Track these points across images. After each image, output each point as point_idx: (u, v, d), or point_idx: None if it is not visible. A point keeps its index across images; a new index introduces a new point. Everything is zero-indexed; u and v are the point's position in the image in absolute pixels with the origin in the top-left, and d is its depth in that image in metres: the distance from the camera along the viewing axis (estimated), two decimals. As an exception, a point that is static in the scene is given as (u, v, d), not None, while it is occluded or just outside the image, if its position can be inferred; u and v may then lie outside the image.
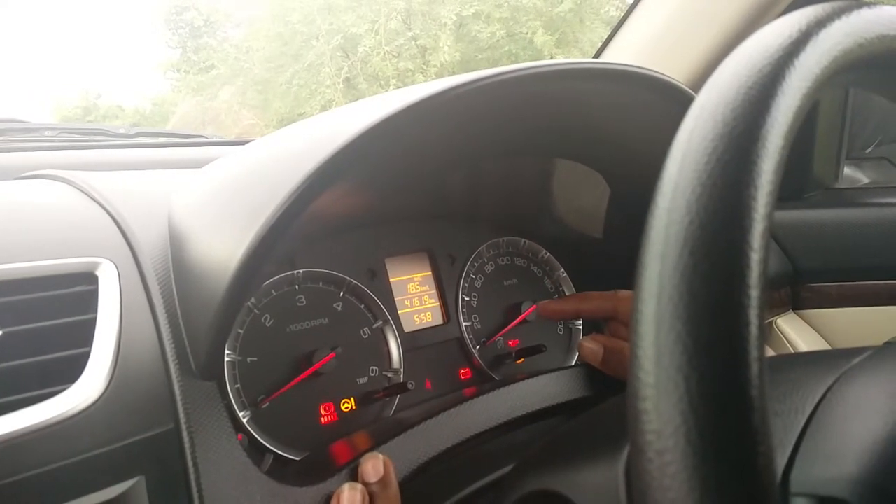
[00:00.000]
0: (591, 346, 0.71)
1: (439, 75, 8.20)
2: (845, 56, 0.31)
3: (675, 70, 0.99)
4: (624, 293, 0.73)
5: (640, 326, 0.25)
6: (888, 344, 0.49)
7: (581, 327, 0.90)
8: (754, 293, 0.24)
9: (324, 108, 8.38)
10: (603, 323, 0.77)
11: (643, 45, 1.04)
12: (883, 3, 0.35)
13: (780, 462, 0.35)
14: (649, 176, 0.48)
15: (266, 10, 9.83)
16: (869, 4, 0.33)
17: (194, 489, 0.47)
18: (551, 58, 7.81)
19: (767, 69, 0.28)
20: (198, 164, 0.76)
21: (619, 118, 0.67)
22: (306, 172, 0.45)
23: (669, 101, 0.60)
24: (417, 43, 8.76)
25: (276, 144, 0.58)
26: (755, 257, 0.24)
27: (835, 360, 0.43)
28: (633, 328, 0.26)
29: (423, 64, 8.56)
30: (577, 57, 7.93)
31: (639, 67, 0.56)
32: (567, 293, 0.91)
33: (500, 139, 0.69)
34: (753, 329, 0.24)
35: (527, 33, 8.19)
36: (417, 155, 0.64)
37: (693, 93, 0.60)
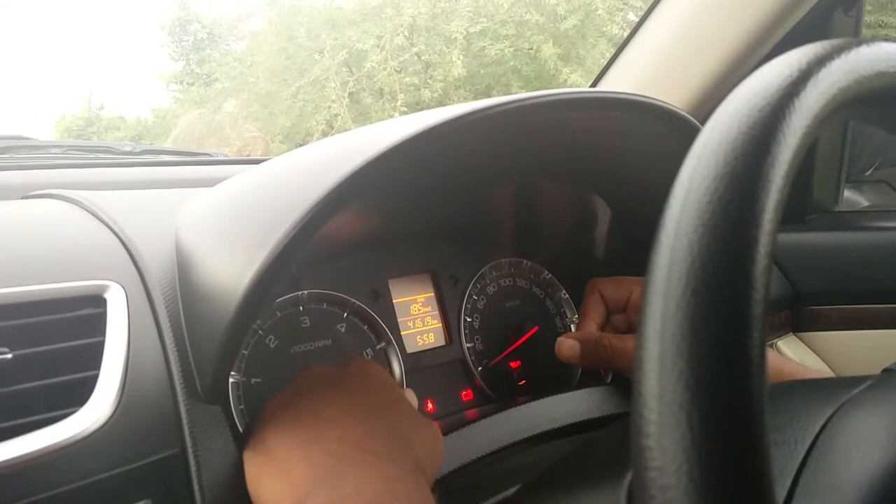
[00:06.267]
0: (569, 345, 0.74)
1: (444, 90, 8.22)
2: (844, 94, 0.31)
3: (676, 94, 1.00)
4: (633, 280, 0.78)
5: (643, 364, 0.26)
6: (887, 372, 0.49)
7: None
8: (756, 333, 0.25)
9: (329, 123, 8.40)
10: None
11: (645, 69, 1.05)
12: (881, 39, 0.35)
13: (780, 494, 0.35)
14: (651, 199, 0.48)
15: (270, 25, 9.87)
16: (867, 41, 0.34)
17: (200, 512, 0.47)
18: (556, 71, 7.86)
19: (768, 109, 0.29)
20: (203, 182, 0.76)
21: (621, 143, 0.67)
22: (317, 197, 0.45)
23: (670, 127, 0.61)
24: (422, 59, 8.79)
25: (285, 167, 0.59)
26: (756, 297, 0.25)
27: (834, 390, 0.44)
28: (637, 365, 0.26)
29: (428, 79, 8.58)
30: (580, 72, 7.97)
31: (640, 96, 0.57)
32: (568, 314, 0.91)
33: (504, 164, 0.69)
34: (755, 368, 0.24)
35: (530, 49, 8.22)
36: (424, 179, 0.65)
37: (693, 119, 0.60)
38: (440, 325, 0.83)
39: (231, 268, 0.48)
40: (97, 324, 0.50)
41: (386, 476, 0.47)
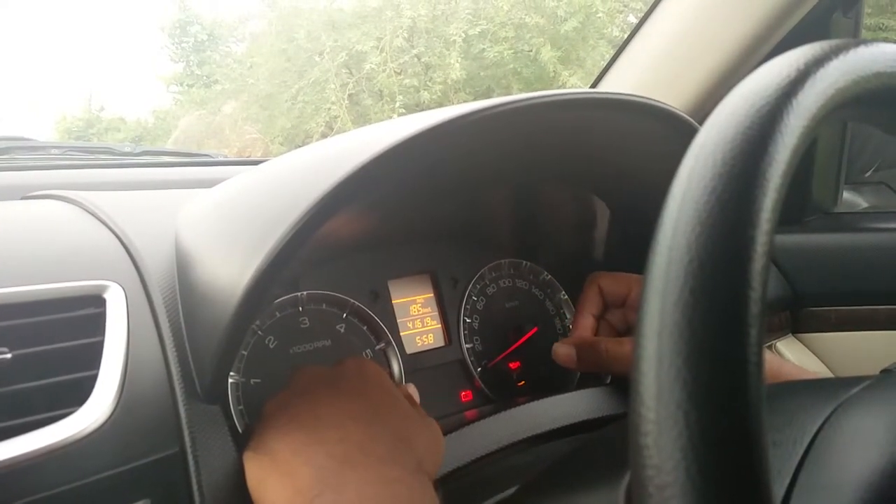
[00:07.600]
0: (565, 350, 0.76)
1: (444, 92, 8.21)
2: (843, 94, 0.31)
3: (675, 95, 1.01)
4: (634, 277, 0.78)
5: (641, 362, 0.26)
6: (885, 372, 0.49)
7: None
8: (753, 332, 0.25)
9: (328, 125, 8.39)
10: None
11: (644, 71, 1.06)
12: (879, 41, 0.35)
13: (778, 493, 0.35)
14: (649, 199, 0.49)
15: (270, 27, 9.86)
16: (865, 41, 0.34)
17: (199, 512, 0.47)
18: (555, 73, 7.86)
19: (766, 109, 0.29)
20: (203, 183, 0.76)
21: (620, 144, 0.68)
22: (316, 197, 0.45)
23: (668, 128, 0.61)
24: (422, 60, 8.78)
25: (284, 168, 0.59)
26: (754, 296, 0.25)
27: (832, 390, 0.44)
28: (634, 364, 0.26)
29: (428, 81, 8.57)
30: (580, 74, 7.97)
31: (638, 96, 0.57)
32: (568, 315, 0.91)
33: (503, 165, 0.69)
34: (752, 367, 0.24)
35: (530, 51, 8.22)
36: (423, 180, 0.65)
37: (691, 119, 0.60)
38: (440, 325, 0.83)
39: (230, 268, 0.48)
40: (96, 324, 0.50)
41: (388, 478, 0.47)
